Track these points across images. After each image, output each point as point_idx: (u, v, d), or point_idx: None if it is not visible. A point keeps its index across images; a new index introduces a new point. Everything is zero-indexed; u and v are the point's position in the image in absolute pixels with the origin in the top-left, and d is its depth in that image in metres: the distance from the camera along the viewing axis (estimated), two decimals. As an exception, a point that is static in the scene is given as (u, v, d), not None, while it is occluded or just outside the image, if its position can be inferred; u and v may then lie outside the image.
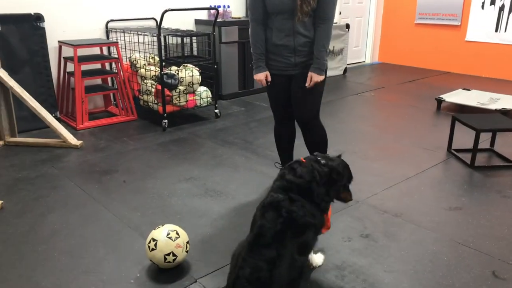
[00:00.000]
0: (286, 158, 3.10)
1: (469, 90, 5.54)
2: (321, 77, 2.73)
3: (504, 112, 4.64)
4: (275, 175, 1.90)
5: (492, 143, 3.83)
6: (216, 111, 4.76)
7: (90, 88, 4.54)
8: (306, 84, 2.73)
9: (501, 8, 6.59)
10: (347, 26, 7.01)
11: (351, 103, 5.47)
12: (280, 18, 2.65)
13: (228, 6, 5.69)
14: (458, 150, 3.77)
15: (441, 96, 5.19)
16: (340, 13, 7.33)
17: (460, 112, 4.96)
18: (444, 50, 7.37)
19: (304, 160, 1.98)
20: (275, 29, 2.69)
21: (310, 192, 1.87)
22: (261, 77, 2.79)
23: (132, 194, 3.03)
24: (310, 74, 2.72)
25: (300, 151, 3.10)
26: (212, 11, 5.48)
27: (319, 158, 1.99)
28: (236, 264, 1.76)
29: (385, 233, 2.56)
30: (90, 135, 4.21)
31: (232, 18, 5.73)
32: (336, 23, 7.05)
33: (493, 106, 4.75)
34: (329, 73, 6.92)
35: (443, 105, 5.17)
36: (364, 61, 8.26)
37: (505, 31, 6.62)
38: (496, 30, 6.71)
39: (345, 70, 7.22)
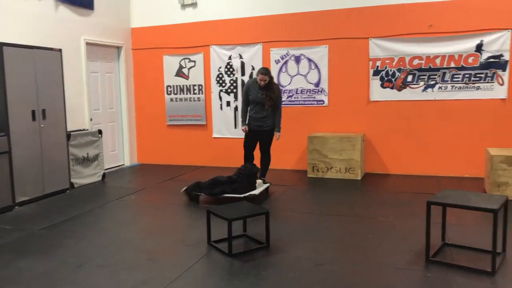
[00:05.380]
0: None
1: (221, 181, 6.06)
2: (279, 133, 6.10)
3: (251, 198, 5.22)
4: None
5: (244, 228, 4.19)
6: None
7: None
8: (275, 138, 6.13)
9: (236, 109, 7.70)
10: (100, 132, 6.92)
11: (112, 209, 5.24)
12: (255, 106, 5.97)
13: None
14: (217, 241, 3.96)
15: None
16: (91, 119, 7.23)
17: (219, 202, 5.32)
18: (196, 147, 8.02)
19: None
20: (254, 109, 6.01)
21: None
22: (244, 128, 6.11)
23: None
24: (276, 133, 6.10)
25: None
26: None
27: None
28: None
29: None
30: None
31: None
32: (87, 129, 6.89)
33: (241, 194, 5.28)
34: (85, 180, 6.57)
35: (201, 199, 5.47)
36: (123, 164, 8.22)
37: (242, 127, 7.69)
38: (235, 127, 7.74)
39: (104, 176, 7.00)
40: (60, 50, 6.01)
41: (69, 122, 6.39)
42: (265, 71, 5.88)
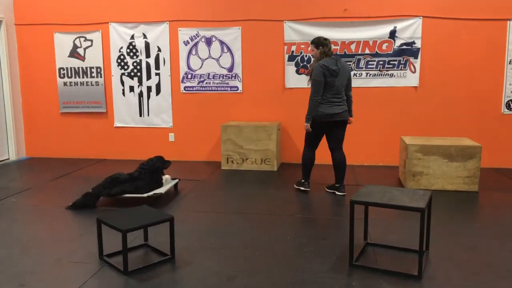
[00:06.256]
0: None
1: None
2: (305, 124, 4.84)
3: (156, 197, 4.59)
4: None
5: (145, 237, 3.57)
6: None
7: None
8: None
9: (140, 95, 6.92)
10: (-27, 121, 5.79)
11: (-17, 217, 4.30)
12: None
13: None
14: (111, 255, 3.30)
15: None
16: (-39, 106, 6.03)
17: (120, 203, 4.62)
18: (95, 138, 7.12)
19: None
20: None
21: None
22: None
23: None
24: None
25: None
26: None
27: None
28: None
29: None
30: None
31: None
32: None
33: (145, 193, 4.62)
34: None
35: (101, 200, 4.71)
36: (8, 159, 7.07)
37: (148, 115, 6.95)
38: (140, 115, 6.97)
39: (-20, 174, 5.89)
40: None
41: None
42: (313, 39, 4.88)
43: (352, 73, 6.39)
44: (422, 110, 6.31)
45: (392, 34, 6.25)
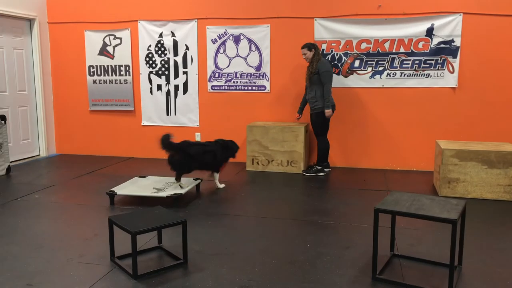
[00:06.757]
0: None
1: (145, 177, 5.26)
2: (327, 110, 5.58)
3: (176, 197, 4.48)
4: None
5: (159, 239, 3.45)
6: None
7: None
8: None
9: (168, 93, 6.86)
10: (3, 117, 5.87)
11: (6, 213, 4.31)
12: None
13: None
14: (122, 257, 3.20)
15: (112, 189, 4.67)
16: (-6, 103, 6.15)
17: (138, 204, 4.54)
18: (122, 136, 7.12)
19: None
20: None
21: None
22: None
23: None
24: (325, 111, 5.63)
25: None
26: None
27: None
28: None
29: None
30: None
31: None
32: (-13, 115, 5.82)
33: (164, 193, 4.52)
34: None
35: (116, 199, 4.66)
36: (39, 155, 7.18)
37: (175, 114, 6.88)
38: (168, 114, 6.91)
39: (9, 169, 5.97)
40: None
41: (-41, 106, 5.33)
42: (304, 44, 5.72)
43: (385, 72, 6.10)
44: (460, 113, 5.93)
45: (429, 32, 5.90)
